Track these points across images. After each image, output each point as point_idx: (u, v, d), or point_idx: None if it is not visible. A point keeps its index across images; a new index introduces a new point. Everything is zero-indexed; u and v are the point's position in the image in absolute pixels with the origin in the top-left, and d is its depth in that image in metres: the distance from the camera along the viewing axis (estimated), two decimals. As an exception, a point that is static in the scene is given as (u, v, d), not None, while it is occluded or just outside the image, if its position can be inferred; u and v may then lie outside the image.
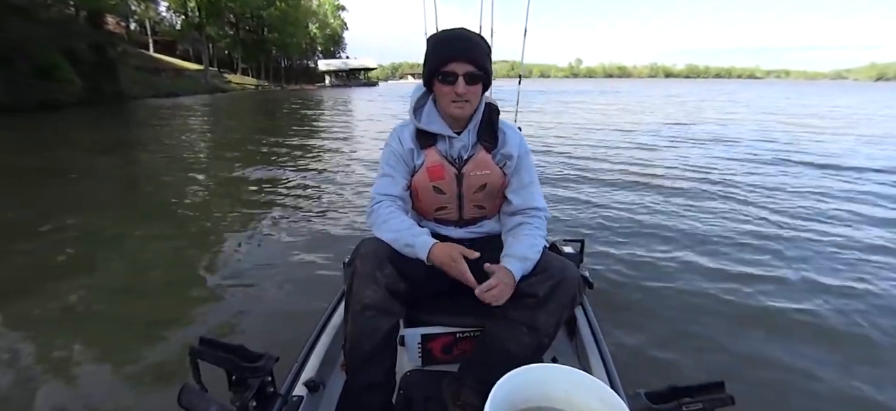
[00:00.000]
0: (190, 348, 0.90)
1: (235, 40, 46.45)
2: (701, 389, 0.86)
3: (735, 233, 3.52)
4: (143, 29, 38.63)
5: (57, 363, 1.94)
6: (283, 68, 58.25)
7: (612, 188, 5.00)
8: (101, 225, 3.81)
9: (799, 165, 6.41)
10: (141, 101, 21.69)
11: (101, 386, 1.79)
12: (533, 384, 0.89)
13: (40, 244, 3.32)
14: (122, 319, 2.32)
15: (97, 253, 3.19)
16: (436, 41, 1.16)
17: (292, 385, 1.14)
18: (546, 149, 7.68)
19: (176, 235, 3.60)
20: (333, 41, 74.50)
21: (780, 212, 4.09)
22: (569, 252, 1.69)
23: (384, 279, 1.07)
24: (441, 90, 1.16)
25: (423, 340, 1.30)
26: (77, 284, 2.65)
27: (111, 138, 9.71)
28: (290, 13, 49.08)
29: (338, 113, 17.17)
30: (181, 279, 2.82)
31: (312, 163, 6.72)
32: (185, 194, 4.91)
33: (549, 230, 1.33)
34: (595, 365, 1.28)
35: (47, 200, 4.54)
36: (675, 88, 48.41)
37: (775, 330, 2.20)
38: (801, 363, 1.94)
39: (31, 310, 2.37)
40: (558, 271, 1.09)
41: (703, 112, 16.18)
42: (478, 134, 1.24)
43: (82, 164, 6.71)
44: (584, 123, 12.04)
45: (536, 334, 1.08)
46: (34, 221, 3.74)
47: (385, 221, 1.16)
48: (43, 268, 2.92)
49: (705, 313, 2.35)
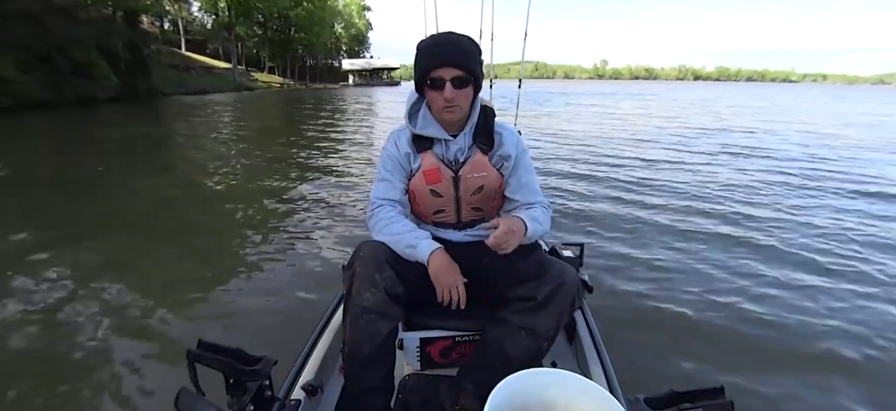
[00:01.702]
0: (187, 351, 0.90)
1: (263, 39, 47.59)
2: (700, 394, 0.86)
3: (738, 239, 3.48)
4: (176, 28, 39.97)
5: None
6: (308, 67, 59.32)
7: (614, 192, 4.95)
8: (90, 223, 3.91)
9: (823, 180, 5.89)
10: (172, 97, 22.46)
11: (94, 386, 1.79)
12: (532, 388, 0.89)
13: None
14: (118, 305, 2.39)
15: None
16: (424, 47, 1.15)
17: (290, 388, 1.14)
18: (551, 154, 7.57)
19: (175, 236, 3.60)
20: (358, 41, 75.45)
21: (785, 220, 4.00)
22: (568, 256, 1.68)
23: (383, 282, 1.06)
24: (430, 95, 1.16)
25: (422, 344, 1.30)
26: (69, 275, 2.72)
27: (137, 133, 10.07)
28: (317, 13, 49.92)
29: (356, 113, 17.20)
30: (180, 279, 2.79)
31: (318, 163, 6.69)
32: (187, 192, 5.00)
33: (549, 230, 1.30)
34: (594, 369, 1.27)
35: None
36: (708, 92, 46.12)
37: (776, 337, 2.18)
38: (801, 370, 1.93)
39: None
40: (558, 275, 1.08)
41: (734, 119, 15.59)
42: (474, 136, 1.23)
43: (107, 158, 7.01)
44: (592, 130, 11.66)
45: (535, 338, 1.08)
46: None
47: (386, 224, 1.17)
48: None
49: (705, 318, 2.34)
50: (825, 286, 2.71)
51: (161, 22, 37.42)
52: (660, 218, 4.01)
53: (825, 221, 3.99)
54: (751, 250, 3.28)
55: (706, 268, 2.94)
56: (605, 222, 3.91)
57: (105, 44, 18.10)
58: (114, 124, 11.72)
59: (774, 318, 2.34)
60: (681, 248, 3.29)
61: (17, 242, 3.28)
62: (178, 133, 10.55)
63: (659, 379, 1.81)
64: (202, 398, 0.87)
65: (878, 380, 1.89)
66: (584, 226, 3.82)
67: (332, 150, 7.86)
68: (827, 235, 3.60)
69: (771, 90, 66.48)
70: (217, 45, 43.45)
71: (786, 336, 2.19)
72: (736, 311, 2.41)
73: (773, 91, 60.38)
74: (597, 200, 4.63)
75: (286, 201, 4.57)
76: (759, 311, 2.40)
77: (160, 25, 36.31)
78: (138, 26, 22.51)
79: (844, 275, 2.89)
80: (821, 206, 4.49)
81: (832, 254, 3.22)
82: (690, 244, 3.38)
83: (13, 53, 13.34)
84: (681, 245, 3.36)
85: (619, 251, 3.22)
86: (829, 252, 3.25)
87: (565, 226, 3.85)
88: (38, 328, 2.21)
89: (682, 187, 5.17)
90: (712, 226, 3.82)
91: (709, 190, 5.04)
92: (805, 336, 2.20)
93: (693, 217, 4.06)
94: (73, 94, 15.43)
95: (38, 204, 4.37)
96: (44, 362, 1.96)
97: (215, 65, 36.98)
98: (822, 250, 3.28)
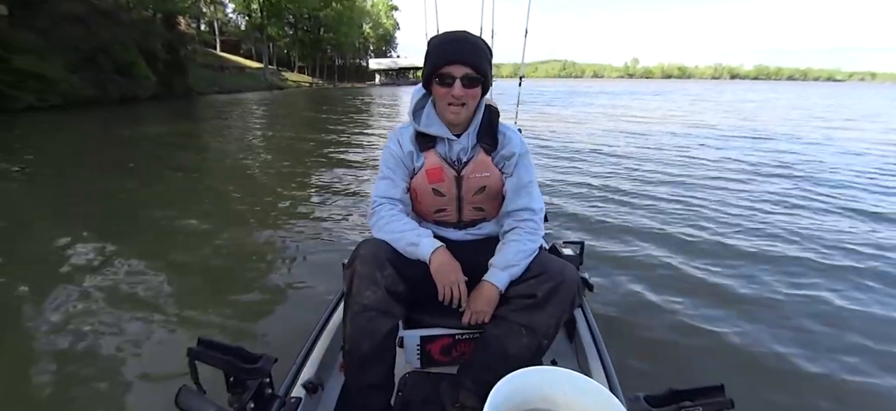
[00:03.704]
0: (188, 349, 0.91)
1: (294, 39, 48.76)
2: (700, 392, 0.86)
3: (740, 241, 3.44)
4: (212, 29, 41.45)
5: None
6: (337, 67, 60.37)
7: (616, 192, 4.90)
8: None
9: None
10: (206, 96, 23.25)
11: (94, 385, 1.79)
12: (532, 386, 0.90)
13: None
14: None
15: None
16: (436, 43, 1.15)
17: (291, 386, 1.14)
18: (554, 151, 7.47)
19: (174, 234, 3.61)
20: (385, 41, 76.22)
21: (788, 225, 3.90)
22: (568, 254, 1.68)
23: (384, 280, 1.07)
24: (438, 92, 1.16)
25: (423, 342, 1.31)
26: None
27: (174, 129, 10.48)
28: (345, 13, 50.72)
29: (378, 111, 17.28)
30: (177, 278, 2.78)
31: (329, 161, 6.74)
32: (189, 190, 5.11)
33: (548, 231, 1.29)
34: (594, 367, 1.27)
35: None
36: (752, 93, 42.76)
37: (777, 335, 2.18)
38: (801, 370, 1.93)
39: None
40: (558, 273, 1.08)
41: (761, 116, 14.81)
42: (478, 136, 1.23)
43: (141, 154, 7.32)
44: (600, 129, 11.43)
45: (535, 336, 1.08)
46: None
47: (387, 223, 1.18)
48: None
49: (706, 317, 2.34)
50: (826, 286, 2.70)
51: (198, 23, 38.87)
52: (660, 218, 3.99)
53: (826, 221, 3.98)
54: (751, 250, 3.25)
55: (706, 268, 2.92)
56: (606, 220, 3.90)
57: (145, 45, 18.94)
58: (151, 123, 12.24)
59: (775, 318, 2.33)
60: (681, 248, 3.28)
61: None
62: (206, 131, 10.91)
63: (659, 378, 1.82)
64: (203, 395, 0.88)
65: (879, 381, 1.88)
66: (584, 225, 3.81)
67: (346, 147, 7.94)
68: (827, 235, 3.59)
69: (823, 89, 62.62)
70: (250, 45, 44.82)
71: (786, 336, 2.19)
72: (737, 310, 2.40)
73: (827, 90, 57.19)
74: (597, 199, 4.62)
75: (287, 201, 4.59)
76: (759, 311, 2.40)
77: (197, 26, 37.70)
78: (176, 27, 23.42)
79: (845, 275, 2.88)
80: (837, 211, 4.35)
81: (832, 253, 3.21)
82: (691, 245, 3.36)
83: (62, 54, 14.13)
84: (681, 244, 3.35)
85: (620, 249, 3.22)
86: (830, 252, 3.24)
87: (566, 224, 3.83)
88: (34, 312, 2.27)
89: (683, 186, 5.13)
90: (713, 227, 3.78)
91: (710, 191, 4.97)
92: (806, 336, 2.19)
93: (694, 218, 4.03)
94: (117, 92, 16.21)
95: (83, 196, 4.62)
96: (42, 358, 1.95)
97: (247, 64, 38.11)
98: (823, 250, 3.28)
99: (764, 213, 4.18)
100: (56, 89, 13.55)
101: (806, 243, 3.40)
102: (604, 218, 3.98)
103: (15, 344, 2.08)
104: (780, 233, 3.62)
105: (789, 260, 3.08)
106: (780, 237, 3.53)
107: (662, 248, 3.24)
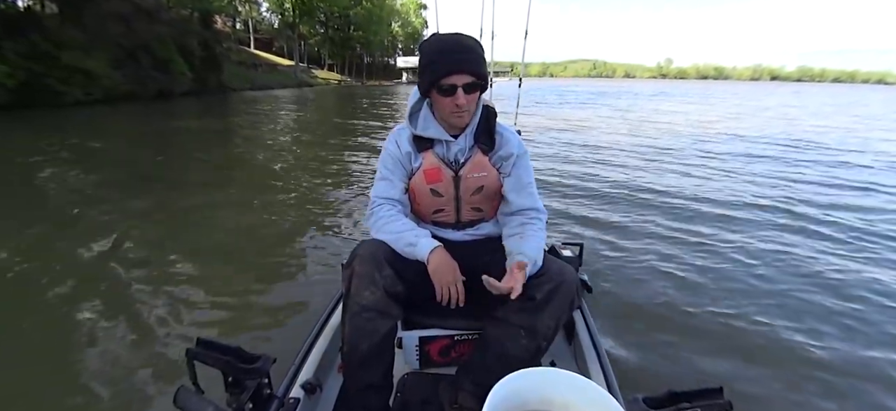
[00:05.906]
0: (186, 349, 0.91)
1: (324, 38, 49.73)
2: (699, 394, 0.86)
3: (739, 242, 3.38)
4: (247, 27, 42.74)
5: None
6: (365, 65, 61.19)
7: (616, 193, 4.81)
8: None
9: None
10: (239, 92, 23.96)
11: (92, 383, 1.76)
12: (530, 388, 0.90)
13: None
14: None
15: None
16: (434, 51, 1.13)
17: (289, 387, 1.14)
18: (554, 153, 7.26)
19: (173, 233, 3.57)
20: (414, 39, 76.69)
21: (790, 227, 3.81)
22: (568, 255, 1.67)
23: (383, 281, 1.07)
24: (440, 101, 1.15)
25: (421, 343, 1.31)
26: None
27: (206, 125, 10.80)
28: (375, 12, 51.35)
29: (397, 109, 17.10)
30: (176, 277, 2.75)
31: (340, 162, 6.61)
32: (190, 190, 5.07)
33: (548, 232, 1.27)
34: (593, 369, 1.26)
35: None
36: (803, 97, 34.98)
37: (777, 339, 2.17)
38: (801, 371, 1.93)
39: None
40: (557, 274, 1.07)
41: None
42: (475, 137, 1.23)
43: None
44: (601, 132, 10.86)
45: (534, 337, 1.07)
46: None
47: (386, 223, 1.18)
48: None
49: (704, 319, 2.33)
50: (826, 287, 2.68)
51: (233, 22, 40.15)
52: (660, 220, 3.92)
53: (828, 223, 3.92)
54: (751, 251, 3.21)
55: (706, 269, 2.90)
56: (606, 222, 3.85)
57: (182, 42, 19.70)
58: (186, 117, 12.69)
59: (775, 320, 2.31)
60: (681, 249, 3.24)
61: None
62: (240, 126, 11.20)
63: (657, 379, 1.82)
64: (201, 396, 0.88)
65: (881, 381, 1.87)
66: (583, 226, 3.76)
67: (356, 150, 7.84)
68: (829, 236, 3.57)
69: (880, 94, 58.11)
70: (282, 43, 45.99)
71: (786, 337, 2.17)
72: (736, 313, 2.38)
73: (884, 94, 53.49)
74: (597, 200, 4.56)
75: (289, 199, 4.53)
76: (759, 313, 2.38)
77: (232, 25, 38.97)
78: (212, 25, 24.29)
79: (846, 276, 2.84)
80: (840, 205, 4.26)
81: (833, 255, 3.19)
82: (691, 245, 3.32)
83: (106, 51, 14.86)
84: (681, 246, 3.30)
85: (619, 251, 3.18)
86: (831, 253, 3.22)
87: (565, 225, 3.78)
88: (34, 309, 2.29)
89: (684, 189, 5.02)
90: (714, 228, 3.71)
91: (711, 193, 4.85)
92: (806, 337, 2.17)
93: (694, 218, 3.99)
94: (155, 88, 16.94)
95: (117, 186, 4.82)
96: (40, 355, 1.96)
97: (279, 62, 39.15)
98: (824, 251, 3.26)
99: (764, 213, 4.11)
100: (99, 84, 14.25)
101: (817, 256, 3.20)
102: (604, 218, 3.94)
103: (11, 342, 2.06)
104: (787, 238, 3.51)
105: (792, 262, 3.01)
106: (787, 243, 3.41)
107: (662, 250, 3.21)
